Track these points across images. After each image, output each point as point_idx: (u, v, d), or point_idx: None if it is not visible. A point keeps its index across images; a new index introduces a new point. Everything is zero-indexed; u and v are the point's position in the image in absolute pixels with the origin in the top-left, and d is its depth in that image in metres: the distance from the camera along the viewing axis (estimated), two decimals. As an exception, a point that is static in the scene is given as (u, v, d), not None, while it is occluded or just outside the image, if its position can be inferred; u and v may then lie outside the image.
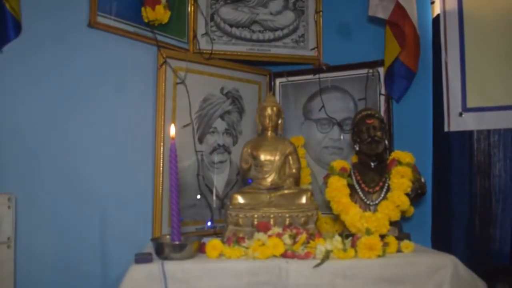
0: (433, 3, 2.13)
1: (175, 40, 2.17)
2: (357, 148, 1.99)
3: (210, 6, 2.31)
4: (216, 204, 2.24)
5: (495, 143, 1.89)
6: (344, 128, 2.32)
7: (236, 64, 2.35)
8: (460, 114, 1.98)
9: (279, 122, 2.02)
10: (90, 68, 1.88)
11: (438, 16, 2.06)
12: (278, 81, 2.48)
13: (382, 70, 2.25)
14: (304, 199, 1.84)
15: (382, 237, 1.68)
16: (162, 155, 2.04)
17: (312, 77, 2.41)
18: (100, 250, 1.86)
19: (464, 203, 1.94)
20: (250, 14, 2.37)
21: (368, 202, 1.88)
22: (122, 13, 1.95)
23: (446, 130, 2.01)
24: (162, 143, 2.04)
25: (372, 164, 1.95)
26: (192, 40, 2.24)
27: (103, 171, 1.90)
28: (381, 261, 1.59)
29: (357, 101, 2.31)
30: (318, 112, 2.38)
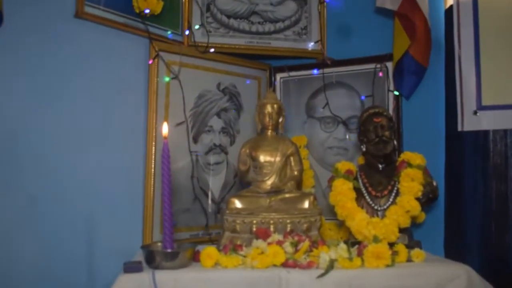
0: (445, -7, 2.13)
1: (169, 32, 2.16)
2: (363, 148, 1.99)
3: (206, -5, 2.31)
4: (211, 208, 2.23)
5: (513, 144, 1.89)
6: (349, 127, 2.31)
7: (233, 58, 2.35)
8: (474, 113, 1.97)
9: (280, 120, 2.02)
10: (77, 61, 1.87)
11: (451, 7, 2.06)
12: (278, 76, 2.48)
13: (390, 65, 2.24)
14: (306, 204, 1.83)
15: (391, 245, 1.67)
16: (153, 156, 2.03)
17: (315, 72, 2.40)
18: (85, 259, 1.85)
19: (479, 208, 1.93)
20: (249, 5, 2.36)
21: (375, 207, 1.88)
22: (111, 2, 1.94)
23: (460, 129, 2.01)
24: (154, 143, 2.03)
25: (380, 166, 1.95)
26: (186, 32, 2.22)
27: (90, 173, 1.89)
28: (389, 271, 1.58)
29: (363, 98, 2.30)
30: (321, 109, 2.38)
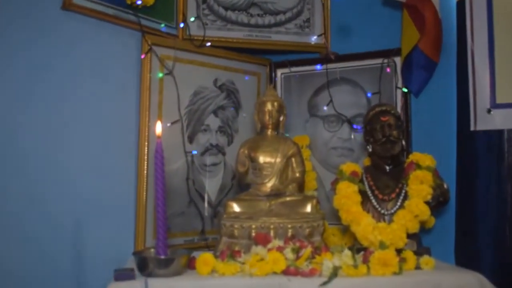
0: (457, -17, 2.13)
1: (162, 24, 2.16)
2: (369, 149, 1.99)
3: (202, -14, 2.31)
4: (208, 212, 2.23)
5: (529, 144, 1.89)
6: (355, 126, 2.31)
7: (231, 52, 2.35)
8: (488, 111, 1.98)
9: (281, 119, 2.03)
10: (63, 56, 1.87)
11: (464, -2, 2.06)
12: (279, 72, 2.48)
13: (398, 60, 2.24)
14: (309, 208, 1.84)
15: (399, 251, 1.68)
16: (146, 157, 2.03)
17: (318, 67, 2.40)
18: (73, 266, 1.85)
19: (492, 212, 1.93)
20: (248, -5, 2.37)
21: (382, 211, 1.88)
22: (101, -7, 1.95)
23: (472, 129, 2.01)
24: (146, 143, 2.04)
25: (387, 167, 1.95)
26: (181, 24, 2.23)
27: (77, 174, 1.89)
28: (397, 279, 1.58)
29: (370, 95, 2.31)
30: (325, 108, 2.38)
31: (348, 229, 1.89)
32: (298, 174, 1.97)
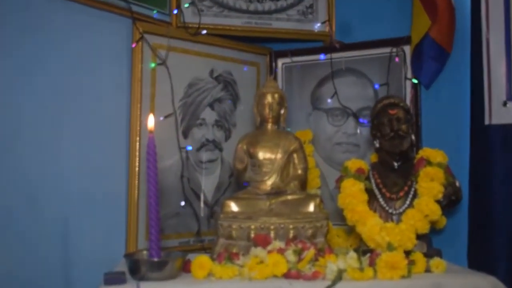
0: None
1: (154, 11, 2.16)
2: (377, 144, 1.99)
3: (197, -31, 2.31)
4: (204, 212, 2.24)
5: (547, 139, 1.89)
6: (361, 120, 2.32)
7: (229, 41, 2.35)
8: (504, 104, 1.98)
9: (282, 112, 2.03)
10: (49, 45, 1.88)
11: (478, -18, 2.06)
12: (280, 62, 2.48)
13: (408, 49, 2.25)
14: (311, 207, 1.84)
15: (407, 253, 1.68)
16: (138, 153, 2.03)
17: (322, 57, 2.40)
18: (60, 269, 1.86)
19: (508, 212, 1.93)
20: (246, -20, 2.37)
21: (390, 211, 1.88)
22: (88, -23, 1.95)
23: (487, 123, 2.00)
24: (138, 138, 2.04)
25: (395, 164, 1.95)
26: (175, 11, 2.23)
27: (65, 172, 1.89)
28: (405, 283, 1.58)
29: (377, 87, 2.31)
30: (329, 100, 2.38)
31: (353, 229, 1.90)
32: (300, 171, 1.98)
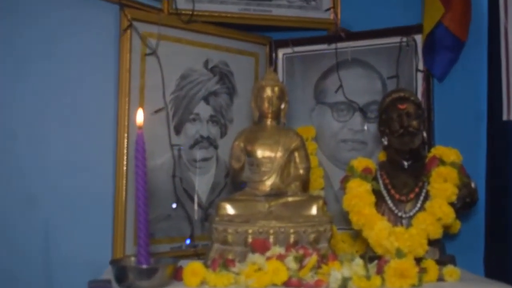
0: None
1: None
2: (385, 142, 1.99)
3: (191, -49, 2.30)
4: (198, 215, 2.24)
5: None
6: (368, 115, 2.32)
7: (225, 29, 2.35)
8: (524, 98, 1.98)
9: (282, 107, 2.03)
10: (32, 34, 1.88)
11: (496, -34, 2.06)
12: (281, 52, 2.48)
13: (420, 39, 2.25)
14: (314, 210, 1.84)
15: (418, 260, 1.68)
16: (126, 150, 2.03)
17: (326, 47, 2.40)
18: (42, 277, 1.86)
19: (528, 216, 1.93)
20: (244, -37, 2.37)
21: (399, 214, 1.89)
22: (72, -40, 1.95)
23: (505, 118, 2.00)
24: (126, 134, 2.04)
25: (405, 163, 1.95)
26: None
27: (47, 172, 1.89)
28: (416, 292, 1.59)
29: (386, 79, 2.31)
30: (334, 94, 2.38)
31: (359, 234, 1.90)
32: (302, 171, 1.98)
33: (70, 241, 1.91)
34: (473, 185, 1.91)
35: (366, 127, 2.33)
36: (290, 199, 1.88)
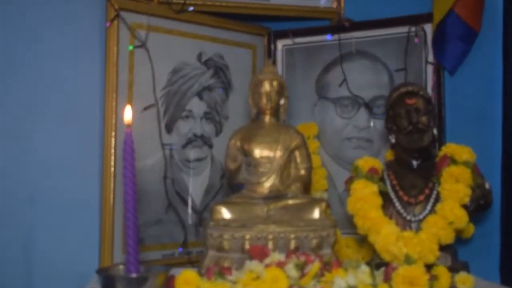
0: None
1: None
2: (392, 140, 2.00)
3: None
4: (191, 219, 2.24)
5: None
6: (374, 111, 2.32)
7: (220, 19, 2.35)
8: (541, 91, 1.99)
9: (282, 102, 2.03)
10: (13, 25, 1.88)
11: (511, -50, 2.06)
12: (280, 44, 2.49)
13: (429, 28, 2.25)
14: (316, 213, 1.84)
15: (429, 267, 1.66)
16: (113, 150, 2.03)
17: (329, 38, 2.40)
18: (22, 286, 1.85)
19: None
20: None
21: (408, 217, 1.89)
22: None
23: (522, 114, 2.01)
24: (113, 133, 2.04)
25: (414, 162, 1.96)
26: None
27: (28, 174, 1.89)
28: (426, 301, 1.58)
29: (393, 72, 2.31)
30: (337, 88, 2.38)
31: (365, 239, 1.90)
32: (303, 172, 1.98)
33: (54, 248, 1.91)
34: (487, 186, 1.92)
35: (372, 124, 2.34)
36: (290, 202, 1.88)
